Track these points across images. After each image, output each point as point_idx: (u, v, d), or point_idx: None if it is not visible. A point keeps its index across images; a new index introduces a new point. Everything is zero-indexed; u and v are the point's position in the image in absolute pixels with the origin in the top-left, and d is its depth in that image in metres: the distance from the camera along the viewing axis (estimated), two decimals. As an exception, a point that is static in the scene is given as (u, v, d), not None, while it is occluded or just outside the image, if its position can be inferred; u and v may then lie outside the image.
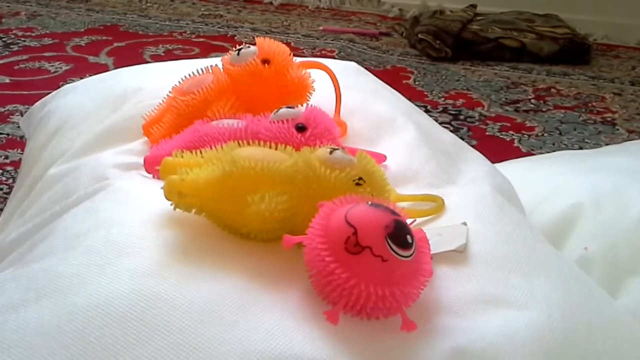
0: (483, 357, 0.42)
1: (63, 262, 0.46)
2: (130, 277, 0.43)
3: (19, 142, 1.51)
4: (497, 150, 1.51)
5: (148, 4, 2.94)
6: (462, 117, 1.79)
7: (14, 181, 1.39)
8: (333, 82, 0.74)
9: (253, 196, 0.47)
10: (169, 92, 0.69)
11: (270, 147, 0.52)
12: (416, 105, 0.87)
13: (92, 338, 0.39)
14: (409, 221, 0.47)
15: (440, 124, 0.84)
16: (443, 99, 1.92)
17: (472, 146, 0.77)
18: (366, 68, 0.95)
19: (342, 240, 0.42)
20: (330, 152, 0.51)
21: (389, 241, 0.42)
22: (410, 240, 0.43)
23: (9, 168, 1.44)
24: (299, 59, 0.72)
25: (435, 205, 0.59)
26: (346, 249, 0.42)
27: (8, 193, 1.32)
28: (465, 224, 0.54)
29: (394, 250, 0.42)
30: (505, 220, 0.59)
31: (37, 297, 0.42)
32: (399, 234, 0.43)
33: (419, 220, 0.56)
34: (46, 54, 2.14)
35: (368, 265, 0.42)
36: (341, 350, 0.40)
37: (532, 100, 1.95)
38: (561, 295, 0.49)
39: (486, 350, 0.42)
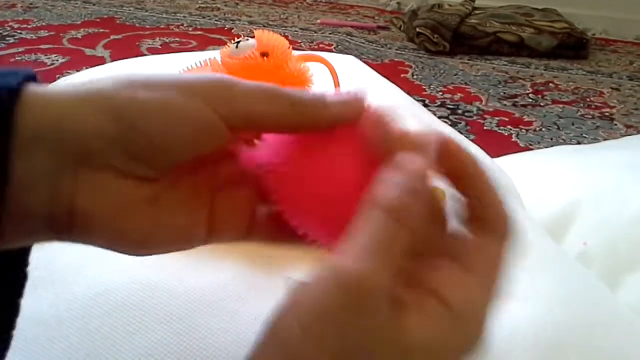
0: (483, 350, 0.42)
1: (61, 252, 0.46)
2: (129, 267, 0.43)
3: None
4: (495, 145, 1.51)
5: (145, -3, 2.93)
6: (460, 111, 1.79)
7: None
8: (332, 76, 0.73)
9: None
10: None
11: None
12: (414, 99, 0.86)
13: (91, 327, 0.38)
14: None
15: (438, 118, 0.84)
16: (441, 93, 1.92)
17: (470, 140, 0.77)
18: (364, 62, 0.94)
19: None
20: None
21: None
22: None
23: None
24: (297, 52, 0.72)
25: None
26: None
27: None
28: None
29: None
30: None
31: (35, 287, 0.42)
32: None
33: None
34: (42, 47, 2.13)
35: None
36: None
37: (530, 95, 1.95)
38: (562, 290, 0.49)
39: (487, 344, 0.42)
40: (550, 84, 2.05)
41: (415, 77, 2.06)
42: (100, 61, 2.00)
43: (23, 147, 0.25)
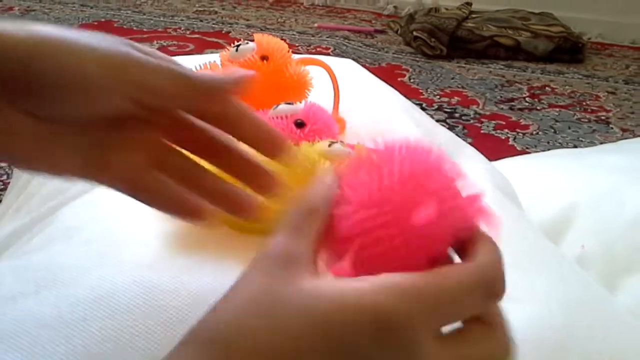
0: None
1: (63, 254, 0.46)
2: (131, 268, 0.43)
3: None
4: (492, 149, 1.52)
5: (142, 0, 2.93)
6: (457, 115, 1.79)
7: (8, 177, 1.39)
8: (331, 79, 0.74)
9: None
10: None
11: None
12: (411, 103, 0.87)
13: (93, 329, 0.38)
14: None
15: (435, 121, 0.84)
16: (438, 96, 1.93)
17: (468, 144, 0.77)
18: (361, 65, 0.95)
19: None
20: (329, 145, 0.51)
21: None
22: None
23: (3, 164, 1.43)
24: (297, 56, 0.72)
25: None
26: None
27: (3, 190, 1.31)
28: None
29: None
30: (505, 217, 0.58)
31: (37, 289, 0.42)
32: None
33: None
34: (40, 50, 2.13)
35: None
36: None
37: (527, 99, 1.96)
38: (561, 292, 0.49)
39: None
40: (547, 88, 2.06)
41: (412, 80, 2.07)
42: (98, 64, 2.00)
43: None
